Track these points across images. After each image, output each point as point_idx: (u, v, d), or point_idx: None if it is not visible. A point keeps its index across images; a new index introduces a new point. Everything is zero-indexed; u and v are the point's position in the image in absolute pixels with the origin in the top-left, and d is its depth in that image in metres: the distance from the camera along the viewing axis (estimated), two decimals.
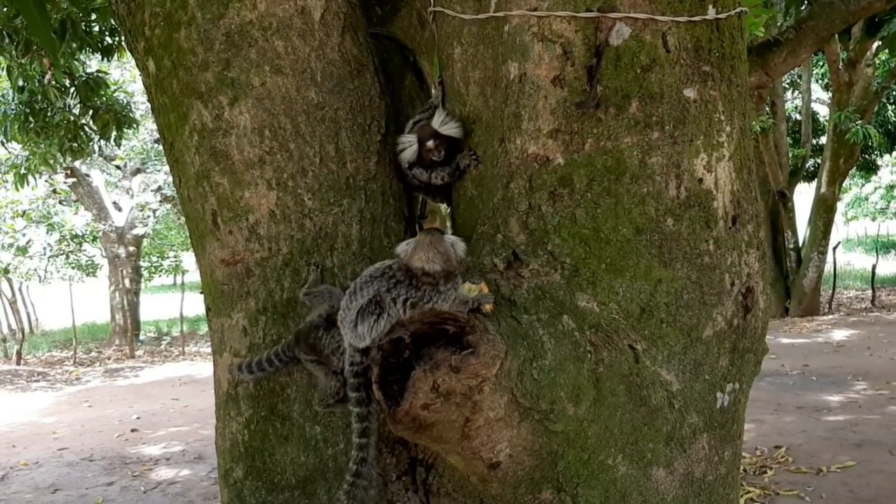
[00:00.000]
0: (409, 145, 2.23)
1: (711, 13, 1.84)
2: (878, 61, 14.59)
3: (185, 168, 2.24)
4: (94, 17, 6.76)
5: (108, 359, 15.87)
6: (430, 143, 2.17)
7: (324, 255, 2.14)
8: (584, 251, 1.82)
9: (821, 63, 17.71)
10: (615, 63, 1.79)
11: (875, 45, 13.22)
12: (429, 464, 2.04)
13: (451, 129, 2.18)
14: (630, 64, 1.79)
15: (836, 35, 8.43)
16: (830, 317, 15.27)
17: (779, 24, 10.12)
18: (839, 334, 12.93)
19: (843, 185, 17.53)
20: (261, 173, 2.13)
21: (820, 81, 19.65)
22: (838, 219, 22.19)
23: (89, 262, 17.07)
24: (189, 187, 2.25)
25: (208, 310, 2.35)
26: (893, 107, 19.47)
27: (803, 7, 7.83)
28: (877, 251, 22.73)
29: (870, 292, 17.94)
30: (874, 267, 18.29)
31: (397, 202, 2.29)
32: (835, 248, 16.83)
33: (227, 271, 2.21)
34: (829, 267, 16.44)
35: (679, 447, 1.89)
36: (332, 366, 1.97)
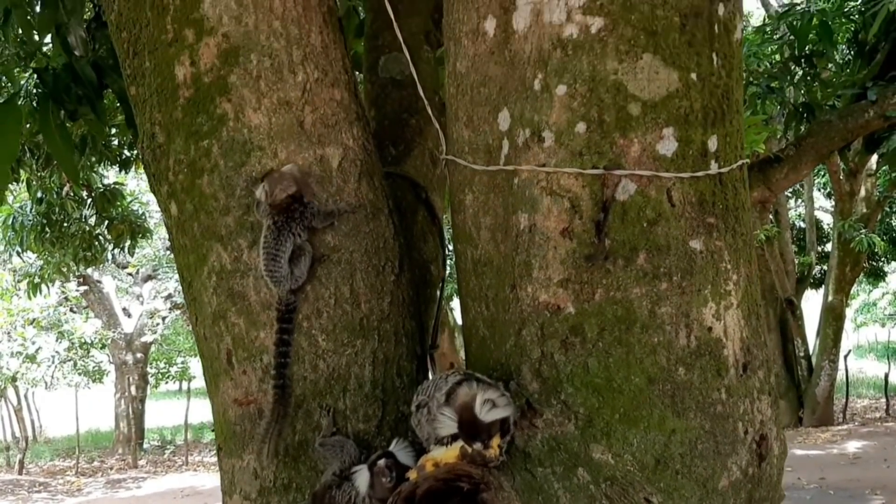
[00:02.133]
0: (446, 419, 1.79)
1: (714, 168, 1.90)
2: (879, 172, 14.84)
3: (202, 307, 2.28)
4: (114, 131, 6.98)
5: (111, 469, 15.60)
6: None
7: (336, 398, 2.15)
8: (598, 401, 1.83)
9: (822, 172, 18.00)
10: (622, 217, 1.84)
11: (875, 158, 13.50)
12: None
13: (496, 413, 1.77)
14: (636, 218, 1.84)
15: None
16: (845, 427, 14.98)
17: (778, 136, 10.37)
18: (854, 445, 12.67)
19: (852, 291, 17.53)
20: None
21: (822, 190, 19.92)
22: (848, 325, 22.03)
23: (96, 369, 17.02)
24: (205, 326, 2.29)
25: (219, 449, 2.34)
26: None
27: (803, 125, 8.05)
28: (888, 358, 22.47)
29: (884, 401, 17.66)
30: (887, 375, 18.06)
31: (410, 341, 2.31)
32: (846, 357, 16.67)
33: (239, 411, 2.21)
34: (840, 374, 16.25)
35: None
36: None
